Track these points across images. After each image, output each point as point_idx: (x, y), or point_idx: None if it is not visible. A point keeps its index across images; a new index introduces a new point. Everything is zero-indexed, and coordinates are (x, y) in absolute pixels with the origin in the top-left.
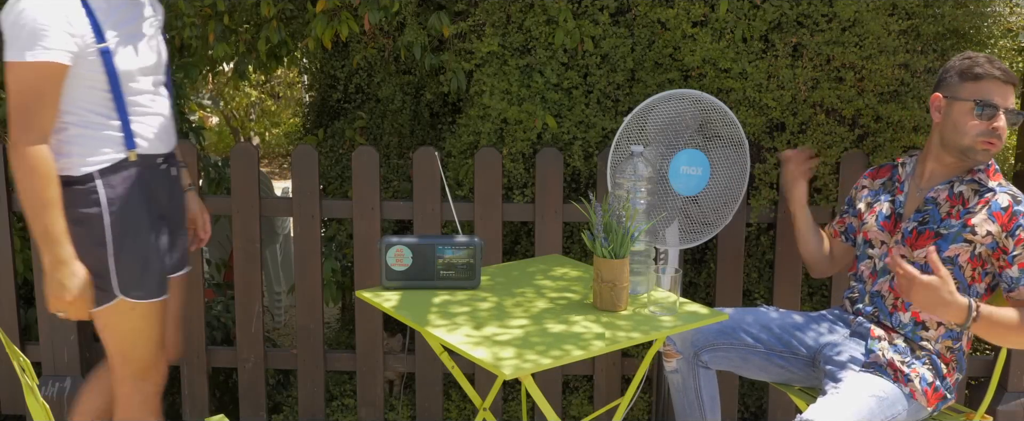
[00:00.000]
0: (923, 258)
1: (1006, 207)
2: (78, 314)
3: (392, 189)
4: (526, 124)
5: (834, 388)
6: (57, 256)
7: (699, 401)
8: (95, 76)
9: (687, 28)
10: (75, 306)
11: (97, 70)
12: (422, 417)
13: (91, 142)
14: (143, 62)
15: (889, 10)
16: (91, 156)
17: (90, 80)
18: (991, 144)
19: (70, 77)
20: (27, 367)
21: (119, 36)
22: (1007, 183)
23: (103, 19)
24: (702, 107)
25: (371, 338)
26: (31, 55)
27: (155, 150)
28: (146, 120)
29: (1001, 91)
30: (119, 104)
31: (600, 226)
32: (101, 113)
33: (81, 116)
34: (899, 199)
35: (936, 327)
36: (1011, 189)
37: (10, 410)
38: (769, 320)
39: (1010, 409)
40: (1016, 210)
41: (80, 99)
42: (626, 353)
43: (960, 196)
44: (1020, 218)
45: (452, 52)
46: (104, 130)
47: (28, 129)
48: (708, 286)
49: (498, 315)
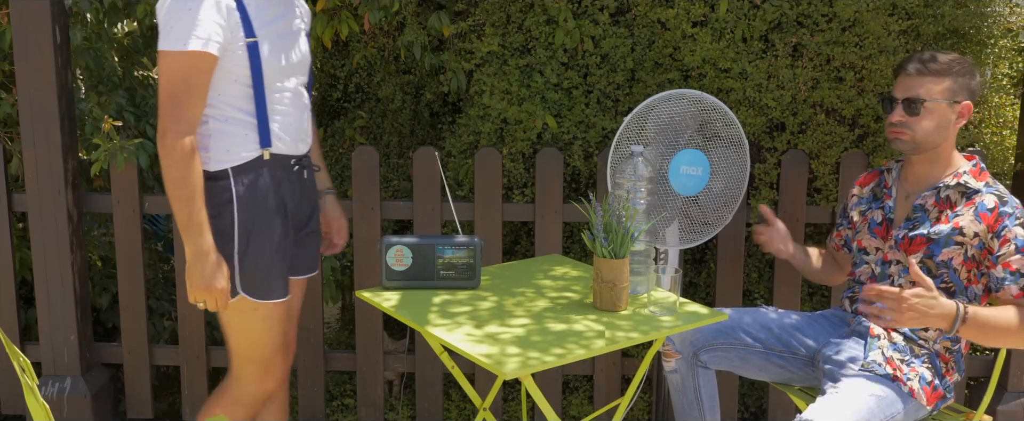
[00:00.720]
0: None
1: (992, 208)
2: (217, 304)
3: (392, 189)
4: (526, 124)
5: (833, 388)
6: (199, 247)
7: (698, 401)
8: (240, 71)
9: (687, 28)
10: (214, 295)
11: (243, 65)
12: (422, 417)
13: (229, 138)
14: (288, 61)
15: (889, 10)
16: (228, 152)
17: (235, 74)
18: (897, 134)
19: (216, 70)
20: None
21: (267, 33)
22: (995, 183)
23: (254, 14)
24: (702, 107)
25: (371, 338)
26: (183, 44)
27: (289, 151)
28: (285, 120)
29: (908, 83)
30: (259, 101)
31: (600, 226)
32: (241, 109)
33: (221, 110)
34: (888, 205)
35: (934, 328)
36: (998, 189)
37: (10, 410)
38: (768, 320)
39: (1010, 409)
40: (1002, 211)
41: (223, 93)
42: (626, 353)
43: (947, 200)
44: (1006, 219)
45: (452, 52)
46: (242, 127)
47: (177, 119)
48: (708, 286)
49: (498, 315)
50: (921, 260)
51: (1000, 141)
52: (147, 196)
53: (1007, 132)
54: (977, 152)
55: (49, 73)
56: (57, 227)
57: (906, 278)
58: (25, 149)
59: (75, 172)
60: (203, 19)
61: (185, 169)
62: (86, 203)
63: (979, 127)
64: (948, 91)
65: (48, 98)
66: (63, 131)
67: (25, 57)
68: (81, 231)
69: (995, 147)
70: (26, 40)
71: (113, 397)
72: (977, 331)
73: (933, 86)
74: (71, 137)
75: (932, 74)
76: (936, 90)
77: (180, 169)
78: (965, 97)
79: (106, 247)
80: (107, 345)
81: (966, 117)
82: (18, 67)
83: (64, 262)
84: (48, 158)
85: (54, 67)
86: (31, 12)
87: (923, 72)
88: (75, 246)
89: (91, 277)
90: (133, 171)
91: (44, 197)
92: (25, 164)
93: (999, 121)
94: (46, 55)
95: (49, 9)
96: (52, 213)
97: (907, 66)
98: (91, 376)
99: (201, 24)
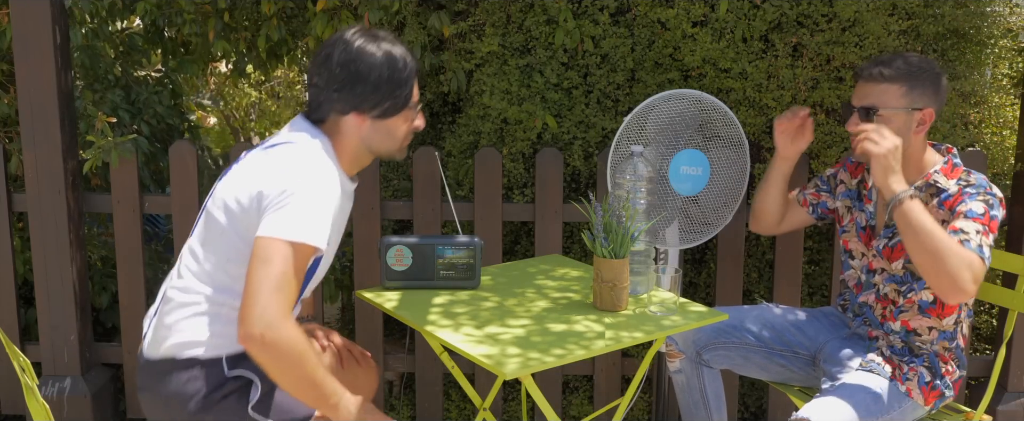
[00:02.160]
0: (900, 270)
1: (954, 193)
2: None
3: (392, 189)
4: (526, 124)
5: (832, 386)
6: (345, 404)
7: (705, 400)
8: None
9: (687, 28)
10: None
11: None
12: (422, 417)
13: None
14: (323, 270)
15: (889, 10)
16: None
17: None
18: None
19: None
20: (27, 367)
21: (331, 243)
22: (967, 175)
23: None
24: (702, 107)
25: (371, 338)
26: (312, 240)
27: None
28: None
29: (864, 91)
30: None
31: (600, 226)
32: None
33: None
34: (869, 210)
35: (928, 332)
36: (965, 178)
37: (10, 410)
38: (770, 319)
39: (1010, 409)
40: (965, 191)
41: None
42: (626, 353)
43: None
44: (965, 197)
45: (452, 52)
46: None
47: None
48: (708, 286)
49: (498, 315)
50: (904, 265)
51: (1000, 141)
52: (147, 196)
53: (1007, 132)
54: (976, 152)
55: (49, 73)
56: (57, 227)
57: (890, 286)
58: (25, 149)
59: (75, 172)
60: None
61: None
62: (86, 203)
63: (979, 127)
64: (905, 98)
65: (48, 98)
66: (63, 131)
67: (25, 57)
68: (81, 231)
69: (995, 147)
70: (26, 40)
71: (113, 397)
72: (910, 219)
73: (889, 94)
74: (71, 137)
75: (887, 81)
76: (892, 98)
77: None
78: (926, 103)
79: (106, 247)
80: (107, 345)
81: (928, 123)
82: (18, 67)
83: (64, 262)
84: (48, 158)
85: (54, 67)
86: (31, 12)
87: (878, 79)
88: (75, 246)
89: (91, 277)
90: (133, 171)
91: (44, 197)
92: (25, 164)
93: (999, 121)
94: (46, 55)
95: (49, 9)
96: (52, 213)
97: (863, 72)
98: (91, 376)
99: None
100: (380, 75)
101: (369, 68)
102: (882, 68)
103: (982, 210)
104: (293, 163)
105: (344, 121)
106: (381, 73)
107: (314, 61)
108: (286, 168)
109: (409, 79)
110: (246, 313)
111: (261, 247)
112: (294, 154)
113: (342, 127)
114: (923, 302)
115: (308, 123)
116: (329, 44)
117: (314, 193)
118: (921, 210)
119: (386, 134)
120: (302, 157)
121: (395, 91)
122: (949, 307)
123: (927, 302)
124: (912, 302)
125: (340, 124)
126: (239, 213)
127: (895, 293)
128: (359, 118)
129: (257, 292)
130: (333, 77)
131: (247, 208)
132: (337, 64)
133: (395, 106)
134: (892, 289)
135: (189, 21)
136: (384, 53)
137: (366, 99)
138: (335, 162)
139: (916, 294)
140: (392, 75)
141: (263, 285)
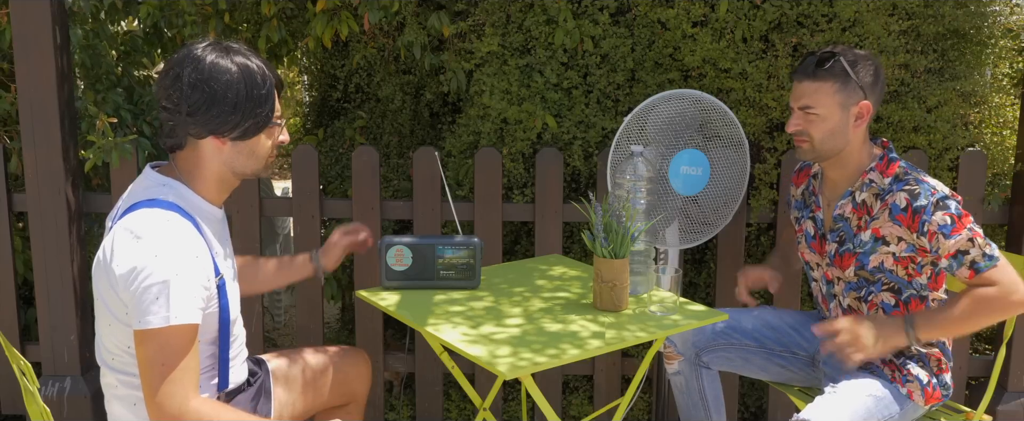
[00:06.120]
0: (852, 276)
1: (905, 207)
2: None
3: (392, 189)
4: (526, 124)
5: (832, 388)
6: None
7: (704, 402)
8: (210, 319)
9: (687, 28)
10: None
11: (213, 309)
12: (422, 417)
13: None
14: (236, 293)
15: (889, 10)
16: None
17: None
18: (798, 143)
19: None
20: (28, 371)
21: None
22: (908, 175)
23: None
24: (702, 107)
25: (371, 338)
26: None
27: (240, 379)
28: (238, 356)
29: (798, 91)
30: (223, 347)
31: (600, 226)
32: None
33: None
34: (818, 217)
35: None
36: (907, 184)
37: (10, 410)
38: (769, 320)
39: (1010, 409)
40: (916, 206)
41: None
42: (626, 353)
43: (863, 205)
44: (922, 214)
45: (452, 52)
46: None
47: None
48: (708, 286)
49: (498, 315)
50: (855, 272)
51: (1000, 141)
52: None
53: (1007, 132)
54: (976, 152)
55: (49, 72)
56: (57, 227)
57: (850, 295)
58: (25, 148)
59: (75, 172)
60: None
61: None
62: (86, 203)
63: (979, 127)
64: (838, 95)
65: (48, 97)
66: (63, 131)
67: (25, 57)
68: (81, 231)
69: (995, 147)
70: (26, 40)
71: None
72: (934, 329)
73: (822, 93)
74: (71, 137)
75: (818, 79)
76: (824, 96)
77: None
78: (861, 97)
79: None
80: None
81: (866, 116)
82: (18, 66)
83: (64, 262)
84: (48, 157)
85: (54, 66)
86: (31, 12)
87: (810, 77)
88: (75, 246)
89: (91, 277)
90: (133, 171)
91: (44, 197)
92: (25, 163)
93: (999, 121)
94: (46, 55)
95: (49, 9)
96: (52, 213)
97: (797, 71)
98: (91, 376)
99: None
100: (238, 93)
101: (225, 87)
102: (814, 67)
103: (949, 219)
104: (143, 246)
105: (202, 145)
106: (239, 92)
107: (161, 82)
108: (138, 253)
109: (269, 95)
110: (149, 410)
111: (139, 340)
112: (141, 233)
113: (201, 152)
114: (885, 304)
115: (156, 174)
116: (177, 62)
117: (169, 273)
118: (933, 318)
119: (249, 154)
120: (150, 236)
121: (255, 110)
122: (913, 307)
123: (890, 305)
124: (874, 306)
125: (198, 149)
126: (114, 304)
127: (857, 301)
128: (218, 141)
129: (150, 386)
130: (185, 99)
131: (120, 299)
132: (188, 85)
133: (256, 125)
134: (853, 298)
135: (190, 23)
136: (240, 68)
137: (225, 121)
138: (195, 201)
139: (876, 296)
140: (251, 92)
141: (154, 379)
